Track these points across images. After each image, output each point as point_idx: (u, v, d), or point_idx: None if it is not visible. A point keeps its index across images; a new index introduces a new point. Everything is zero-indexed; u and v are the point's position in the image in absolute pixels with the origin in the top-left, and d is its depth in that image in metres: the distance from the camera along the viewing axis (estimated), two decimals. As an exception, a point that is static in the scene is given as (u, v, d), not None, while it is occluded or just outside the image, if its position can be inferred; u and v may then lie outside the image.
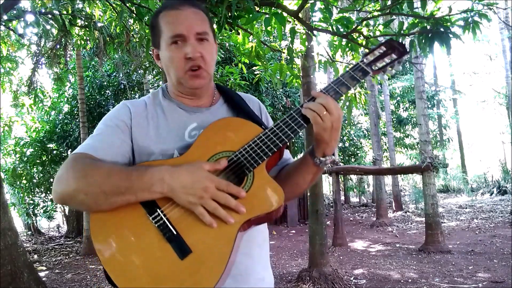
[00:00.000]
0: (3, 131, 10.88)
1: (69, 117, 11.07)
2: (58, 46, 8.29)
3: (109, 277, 0.90)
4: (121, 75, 10.74)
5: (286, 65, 4.24)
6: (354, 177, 16.15)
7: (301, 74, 4.96)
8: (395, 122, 15.18)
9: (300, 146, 11.91)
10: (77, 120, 10.21)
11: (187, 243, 0.90)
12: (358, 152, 15.75)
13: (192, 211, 0.90)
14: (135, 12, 3.60)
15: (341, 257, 6.54)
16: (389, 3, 3.07)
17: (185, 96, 1.14)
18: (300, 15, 3.33)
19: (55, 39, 7.62)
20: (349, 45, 3.51)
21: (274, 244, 8.01)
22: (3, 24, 4.90)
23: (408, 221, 10.24)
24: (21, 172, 10.28)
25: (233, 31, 3.58)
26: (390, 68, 1.05)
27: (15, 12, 4.65)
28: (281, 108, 11.05)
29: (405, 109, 16.27)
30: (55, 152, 10.88)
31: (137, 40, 4.59)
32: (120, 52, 7.07)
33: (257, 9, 3.07)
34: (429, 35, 2.93)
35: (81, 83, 9.13)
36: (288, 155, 1.22)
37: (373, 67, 1.04)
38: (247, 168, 0.97)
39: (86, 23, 5.78)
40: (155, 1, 3.09)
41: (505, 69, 15.14)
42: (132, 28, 5.28)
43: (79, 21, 5.91)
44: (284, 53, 4.15)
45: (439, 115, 18.02)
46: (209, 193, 0.88)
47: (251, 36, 3.96)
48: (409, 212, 11.55)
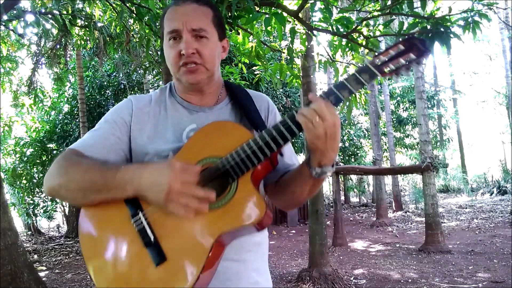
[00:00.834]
0: (3, 131, 10.88)
1: (69, 117, 11.07)
2: (58, 46, 8.29)
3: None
4: (121, 75, 10.75)
5: (286, 65, 4.24)
6: (354, 177, 16.15)
7: (301, 74, 4.96)
8: (395, 122, 15.18)
9: (300, 146, 11.90)
10: (77, 120, 10.22)
11: (163, 250, 0.89)
12: (358, 152, 15.75)
13: (169, 214, 0.89)
14: (135, 12, 3.60)
15: (341, 257, 6.54)
16: (389, 3, 3.07)
17: (189, 92, 1.12)
18: (300, 15, 3.33)
19: (55, 39, 7.62)
20: (349, 45, 3.51)
21: (274, 244, 8.01)
22: (3, 24, 4.90)
23: (408, 221, 10.24)
24: (21, 172, 10.28)
25: (233, 31, 3.58)
26: (406, 70, 0.93)
27: (15, 12, 4.65)
28: (281, 108, 11.05)
29: (405, 109, 16.27)
30: (55, 152, 10.87)
31: (137, 40, 4.59)
32: (120, 52, 7.08)
33: (257, 9, 3.07)
34: (429, 35, 2.92)
35: (81, 83, 9.14)
36: (293, 160, 1.15)
37: (385, 68, 0.92)
38: (231, 176, 0.93)
39: (86, 23, 5.78)
40: (155, 1, 3.09)
41: (505, 69, 15.15)
42: (132, 28, 5.28)
43: (79, 21, 5.91)
44: (284, 53, 4.16)
45: (439, 115, 18.02)
46: (175, 189, 0.85)
47: (251, 36, 3.96)
48: (409, 212, 11.56)
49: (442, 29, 2.86)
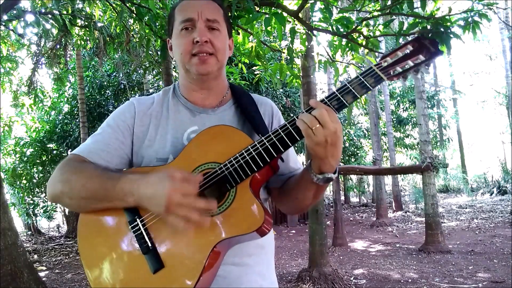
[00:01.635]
0: (3, 131, 10.88)
1: (69, 117, 11.07)
2: (58, 46, 8.29)
3: None
4: (121, 75, 10.74)
5: (286, 65, 4.24)
6: (354, 177, 16.15)
7: (301, 74, 4.96)
8: (395, 122, 15.18)
9: (300, 145, 11.90)
10: (77, 120, 10.21)
11: (161, 257, 0.89)
12: (358, 152, 15.74)
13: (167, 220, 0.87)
14: (135, 12, 3.60)
15: (341, 257, 6.54)
16: (389, 3, 3.07)
17: (193, 89, 1.11)
18: (300, 15, 3.33)
19: (55, 39, 7.62)
20: (349, 45, 3.51)
21: (274, 244, 8.00)
22: (3, 24, 4.90)
23: (408, 221, 10.24)
24: (21, 172, 10.29)
25: (233, 31, 3.58)
26: (414, 72, 0.87)
27: (15, 12, 4.65)
28: (281, 108, 11.05)
29: (405, 109, 16.27)
30: (55, 152, 10.88)
31: (137, 40, 4.59)
32: (120, 52, 7.08)
33: (257, 9, 3.07)
34: (429, 35, 2.92)
35: (81, 83, 9.13)
36: (297, 164, 1.14)
37: (391, 71, 0.87)
38: (229, 183, 0.91)
39: (86, 23, 5.78)
40: (155, 1, 3.09)
41: (505, 69, 15.14)
42: (132, 28, 5.28)
43: (79, 21, 5.91)
44: (284, 53, 4.15)
45: (439, 115, 18.02)
46: (174, 201, 0.82)
47: (251, 36, 3.96)
48: (409, 212, 11.56)
49: (442, 29, 2.86)
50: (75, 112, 10.76)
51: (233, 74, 5.35)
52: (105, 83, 10.96)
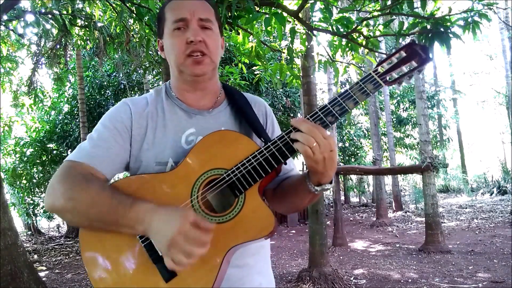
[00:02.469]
0: (3, 131, 10.88)
1: (69, 117, 11.07)
2: (58, 46, 8.29)
3: None
4: (121, 75, 10.75)
5: (286, 65, 4.24)
6: (354, 177, 16.15)
7: (301, 74, 4.96)
8: (395, 122, 15.18)
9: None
10: (77, 120, 10.22)
11: None
12: (358, 152, 15.75)
13: None
14: (135, 12, 3.60)
15: (341, 257, 6.54)
16: (389, 3, 3.07)
17: (187, 90, 1.09)
18: (300, 15, 3.33)
19: (55, 39, 7.62)
20: (349, 45, 3.51)
21: (274, 244, 8.01)
22: (3, 24, 4.90)
23: (408, 221, 10.24)
24: (21, 172, 10.28)
25: (233, 31, 3.58)
26: (408, 78, 0.91)
27: (15, 12, 4.65)
28: (281, 108, 11.05)
29: (405, 109, 16.27)
30: (55, 152, 10.88)
31: (137, 40, 4.60)
32: (120, 52, 7.08)
33: (257, 9, 3.07)
34: (429, 35, 2.92)
35: (81, 83, 9.14)
36: (291, 165, 1.14)
37: (388, 77, 0.91)
38: (238, 189, 0.92)
39: (86, 23, 5.79)
40: (155, 1, 3.09)
41: (505, 69, 15.14)
42: (132, 28, 5.28)
43: (79, 21, 5.91)
44: (284, 53, 4.15)
45: (439, 115, 18.02)
46: (176, 247, 0.82)
47: (251, 36, 3.96)
48: (409, 212, 11.55)
49: (442, 29, 2.86)
50: (75, 112, 10.77)
51: (233, 74, 5.35)
52: (105, 83, 10.96)
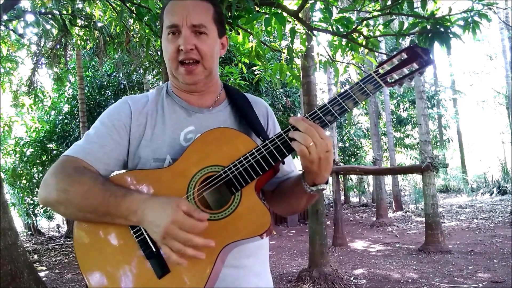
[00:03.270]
0: (3, 131, 10.88)
1: (69, 117, 11.07)
2: (58, 46, 8.29)
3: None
4: (121, 75, 10.75)
5: (286, 65, 4.23)
6: (354, 177, 16.15)
7: (301, 74, 4.96)
8: (395, 122, 15.18)
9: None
10: (77, 120, 10.22)
11: (166, 262, 0.88)
12: (358, 152, 15.76)
13: None
14: (135, 12, 3.60)
15: (341, 257, 6.54)
16: (389, 3, 3.07)
17: (185, 92, 1.10)
18: (300, 15, 3.33)
19: (55, 39, 7.63)
20: (349, 45, 3.51)
21: (274, 244, 8.01)
22: (3, 24, 4.90)
23: (408, 221, 10.24)
24: (21, 172, 10.28)
25: (233, 31, 3.58)
26: (409, 80, 0.92)
27: (15, 12, 4.65)
28: (281, 108, 11.05)
29: (405, 109, 16.27)
30: (55, 152, 10.87)
31: (137, 40, 4.60)
32: (120, 52, 7.08)
33: (257, 9, 3.07)
34: (429, 35, 2.93)
35: (81, 83, 9.14)
36: (291, 167, 1.14)
37: (388, 78, 0.91)
38: (234, 187, 0.91)
39: (86, 23, 5.79)
40: (155, 1, 3.09)
41: (505, 69, 15.15)
42: (132, 28, 5.28)
43: (79, 21, 5.91)
44: (284, 53, 4.15)
45: (439, 115, 18.02)
46: (170, 235, 0.82)
47: (251, 36, 3.95)
48: (409, 212, 11.56)
49: (442, 29, 2.86)
50: (75, 112, 10.77)
51: (233, 74, 5.35)
52: (105, 83, 10.96)
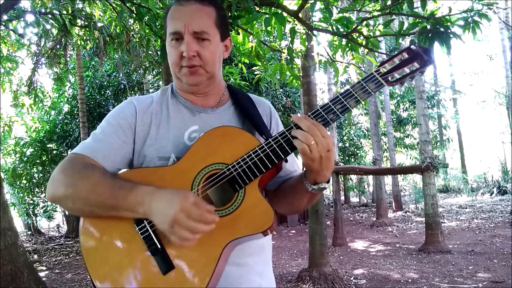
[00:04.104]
0: (3, 131, 10.88)
1: (69, 117, 11.07)
2: (58, 46, 8.30)
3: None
4: (121, 75, 10.75)
5: (286, 65, 4.23)
6: (354, 177, 16.15)
7: (301, 74, 4.96)
8: (395, 122, 15.18)
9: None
10: (77, 120, 10.22)
11: (170, 258, 0.89)
12: (358, 152, 15.76)
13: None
14: (135, 12, 3.60)
15: (341, 257, 6.54)
16: (389, 3, 3.07)
17: (189, 93, 1.12)
18: (300, 15, 3.33)
19: (55, 39, 7.63)
20: (349, 45, 3.51)
21: (274, 244, 8.01)
22: (3, 24, 4.90)
23: (408, 221, 10.24)
24: (21, 172, 10.29)
25: (233, 31, 3.58)
26: (410, 79, 0.92)
27: (15, 12, 4.65)
28: (281, 108, 11.04)
29: (405, 109, 16.27)
30: (55, 152, 10.88)
31: (137, 40, 4.59)
32: (120, 52, 7.08)
33: (257, 9, 3.07)
34: (429, 35, 2.92)
35: (81, 83, 9.14)
36: (294, 166, 1.15)
37: (389, 77, 0.92)
38: (238, 184, 0.93)
39: (86, 23, 5.79)
40: (155, 1, 3.09)
41: (505, 69, 15.14)
42: (132, 28, 5.28)
43: (79, 21, 5.91)
44: (284, 53, 4.15)
45: (439, 115, 18.02)
46: (179, 223, 0.84)
47: (251, 36, 3.95)
48: (409, 212, 11.56)
49: (442, 29, 2.86)
50: (75, 112, 10.77)
51: (233, 74, 5.35)
52: (105, 83, 10.96)
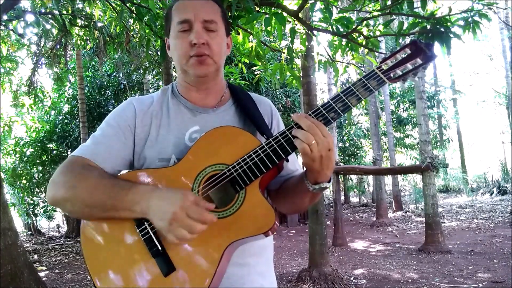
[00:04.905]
0: (3, 131, 10.88)
1: (69, 117, 11.07)
2: (58, 46, 8.29)
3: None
4: (121, 75, 10.75)
5: (286, 65, 4.23)
6: (354, 177, 16.15)
7: (301, 74, 4.96)
8: (395, 122, 15.18)
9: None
10: (77, 120, 10.22)
11: (171, 260, 0.89)
12: (358, 152, 15.76)
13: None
14: (135, 12, 3.60)
15: (341, 257, 6.54)
16: (389, 3, 3.07)
17: (191, 89, 1.11)
18: (300, 15, 3.33)
19: (55, 39, 7.62)
20: (349, 45, 3.51)
21: (274, 244, 7.93)
22: (3, 24, 4.90)
23: (408, 221, 10.24)
24: (21, 172, 10.29)
25: (233, 31, 3.58)
26: (413, 75, 0.91)
27: (15, 12, 4.65)
28: (281, 108, 11.04)
29: (405, 109, 16.27)
30: (55, 152, 10.89)
31: (137, 40, 4.59)
32: (120, 52, 7.08)
33: (257, 9, 3.07)
34: (429, 35, 2.92)
35: (81, 83, 9.14)
36: (295, 166, 1.15)
37: (392, 74, 0.90)
38: (239, 185, 0.92)
39: (86, 23, 5.79)
40: (155, 1, 3.09)
41: (505, 69, 15.14)
42: (132, 28, 5.27)
43: (79, 21, 5.91)
44: (284, 53, 4.15)
45: (439, 115, 18.02)
46: (178, 221, 0.83)
47: (251, 36, 3.95)
48: (409, 212, 11.56)
49: (442, 29, 2.86)
50: (75, 112, 10.76)
51: (233, 74, 5.35)
52: (105, 83, 10.96)
